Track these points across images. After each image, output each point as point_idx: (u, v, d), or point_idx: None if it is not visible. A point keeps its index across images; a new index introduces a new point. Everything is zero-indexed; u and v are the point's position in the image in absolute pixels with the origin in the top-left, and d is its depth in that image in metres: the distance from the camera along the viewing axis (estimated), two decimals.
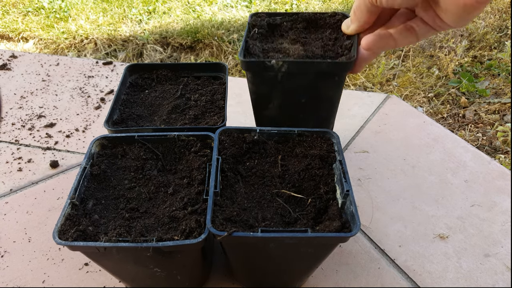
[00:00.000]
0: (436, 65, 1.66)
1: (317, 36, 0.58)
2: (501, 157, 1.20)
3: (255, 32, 0.57)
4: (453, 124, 1.38)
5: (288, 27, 0.60)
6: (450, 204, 0.64)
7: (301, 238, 0.37)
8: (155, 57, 1.76)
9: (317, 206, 0.44)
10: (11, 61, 1.00)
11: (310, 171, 0.46)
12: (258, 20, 0.59)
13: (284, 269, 0.47)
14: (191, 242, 0.37)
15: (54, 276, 0.53)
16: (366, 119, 0.81)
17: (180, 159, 0.50)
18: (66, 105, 0.85)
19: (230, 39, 1.84)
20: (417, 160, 0.72)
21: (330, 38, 0.56)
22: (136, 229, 0.41)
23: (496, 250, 0.57)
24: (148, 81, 0.64)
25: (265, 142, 0.49)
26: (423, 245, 0.58)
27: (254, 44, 0.55)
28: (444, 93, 1.50)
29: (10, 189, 0.66)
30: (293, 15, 0.61)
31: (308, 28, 0.60)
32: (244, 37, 0.55)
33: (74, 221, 0.41)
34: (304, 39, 0.57)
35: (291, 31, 0.59)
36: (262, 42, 0.57)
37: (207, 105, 0.57)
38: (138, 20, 2.00)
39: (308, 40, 0.57)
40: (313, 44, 0.56)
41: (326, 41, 0.56)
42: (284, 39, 0.58)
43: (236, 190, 0.45)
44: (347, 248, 0.57)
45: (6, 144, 0.75)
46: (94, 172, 0.46)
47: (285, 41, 0.57)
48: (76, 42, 1.86)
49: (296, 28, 0.60)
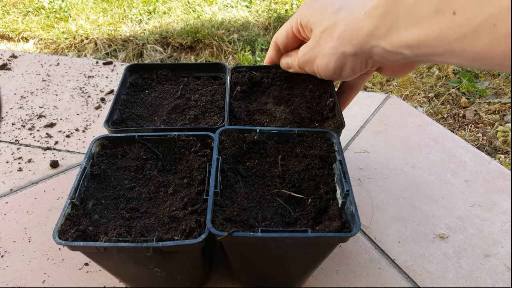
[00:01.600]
0: (436, 65, 1.66)
1: (300, 91, 0.56)
2: (501, 157, 1.20)
3: (237, 91, 0.56)
4: (453, 124, 1.38)
5: (269, 83, 0.58)
6: (450, 204, 0.64)
7: (301, 238, 0.37)
8: (155, 57, 1.76)
9: (317, 206, 0.44)
10: (11, 61, 1.00)
11: (310, 171, 0.46)
12: (239, 77, 0.58)
13: (284, 269, 0.47)
14: (191, 242, 0.37)
15: (54, 276, 0.53)
16: (366, 119, 0.81)
17: (180, 159, 0.50)
18: (66, 105, 0.85)
19: (230, 39, 1.84)
20: (417, 160, 0.72)
21: (313, 96, 0.54)
22: (136, 229, 0.41)
23: (496, 250, 0.57)
24: (148, 81, 0.64)
25: (265, 142, 0.49)
26: (423, 245, 0.58)
27: (239, 107, 0.54)
28: (444, 93, 1.50)
29: (10, 189, 0.66)
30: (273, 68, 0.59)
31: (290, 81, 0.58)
32: (227, 98, 0.54)
33: (74, 221, 0.41)
34: (287, 96, 0.56)
35: (273, 87, 0.57)
36: (246, 101, 0.56)
37: (207, 105, 0.57)
38: (138, 20, 2.00)
39: (291, 97, 0.55)
40: (296, 102, 0.54)
41: (310, 99, 0.54)
42: (267, 96, 0.56)
43: (236, 190, 0.45)
44: (347, 248, 0.57)
45: (6, 144, 0.75)
46: (94, 172, 0.46)
47: (269, 99, 0.56)
48: (76, 42, 1.86)
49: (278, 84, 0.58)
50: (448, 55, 0.30)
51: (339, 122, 0.50)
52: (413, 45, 0.32)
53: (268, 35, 1.92)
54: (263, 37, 1.89)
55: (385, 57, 0.36)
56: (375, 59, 0.38)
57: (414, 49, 0.32)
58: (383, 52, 0.36)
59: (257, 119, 0.53)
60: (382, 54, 0.36)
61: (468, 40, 0.27)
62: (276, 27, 1.98)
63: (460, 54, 0.29)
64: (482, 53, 0.27)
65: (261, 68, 0.60)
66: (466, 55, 0.29)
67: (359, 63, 0.40)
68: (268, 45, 1.86)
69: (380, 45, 0.36)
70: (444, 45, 0.29)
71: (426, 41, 0.31)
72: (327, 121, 0.51)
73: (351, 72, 0.41)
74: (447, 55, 0.30)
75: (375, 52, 0.37)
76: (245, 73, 0.59)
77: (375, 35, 0.35)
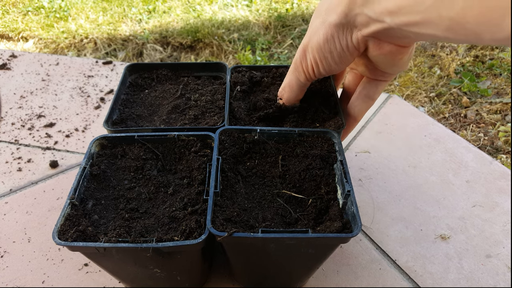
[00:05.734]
0: (438, 65, 1.65)
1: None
2: (502, 157, 1.20)
3: (237, 90, 0.56)
4: (454, 124, 1.38)
5: (269, 82, 0.58)
6: (452, 204, 0.64)
7: (301, 238, 0.37)
8: (155, 56, 1.76)
9: (318, 207, 0.43)
10: (11, 60, 0.99)
11: (311, 171, 0.46)
12: (239, 77, 0.58)
13: (285, 270, 0.46)
14: (191, 243, 0.37)
15: (53, 277, 0.53)
16: (367, 119, 0.81)
17: (180, 159, 0.49)
18: (66, 104, 0.85)
19: (230, 38, 1.84)
20: (418, 160, 0.72)
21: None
22: (136, 230, 0.41)
23: (498, 251, 0.57)
24: (148, 81, 0.64)
25: (265, 142, 0.49)
26: (424, 245, 0.58)
27: (239, 106, 0.53)
28: (445, 93, 1.49)
29: (9, 189, 0.66)
30: (273, 68, 0.59)
31: None
32: (227, 98, 0.54)
33: (74, 221, 0.40)
34: None
35: (273, 86, 0.57)
36: (246, 101, 0.56)
37: (207, 105, 0.57)
38: (138, 20, 2.00)
39: None
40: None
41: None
42: (266, 95, 0.56)
43: (236, 190, 0.45)
44: (348, 249, 0.57)
45: (5, 144, 0.75)
46: (94, 172, 0.46)
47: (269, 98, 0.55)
48: (76, 42, 1.85)
49: (278, 83, 0.57)
50: (426, 24, 0.31)
51: (340, 122, 0.49)
52: (393, 11, 0.33)
53: (268, 35, 1.92)
54: (263, 36, 1.89)
55: (369, 26, 0.37)
56: (361, 31, 0.39)
57: (394, 16, 0.33)
58: (367, 20, 0.37)
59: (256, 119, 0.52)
60: (366, 22, 0.37)
61: (444, 5, 0.29)
62: (277, 27, 1.98)
63: (436, 21, 0.30)
64: (457, 19, 0.28)
65: (261, 67, 0.60)
66: (442, 23, 0.30)
67: (345, 35, 0.40)
68: (268, 44, 1.86)
69: (363, 12, 0.37)
70: (421, 11, 0.31)
71: (405, 6, 0.32)
72: (327, 121, 0.51)
73: (341, 50, 0.41)
74: (425, 24, 0.31)
75: (360, 21, 0.38)
76: (245, 73, 0.59)
77: (357, 1, 0.37)
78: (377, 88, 0.47)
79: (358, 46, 0.40)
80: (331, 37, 0.40)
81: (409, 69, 1.63)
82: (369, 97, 0.48)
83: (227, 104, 0.53)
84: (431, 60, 1.69)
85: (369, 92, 0.48)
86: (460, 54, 1.66)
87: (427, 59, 1.69)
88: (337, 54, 0.42)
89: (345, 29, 0.39)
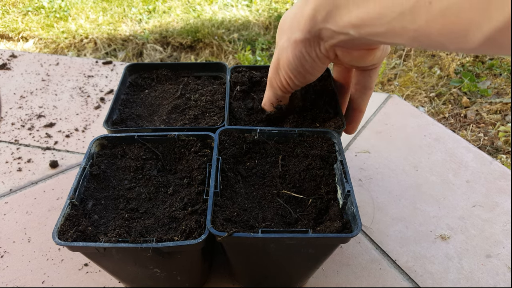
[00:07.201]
0: (438, 65, 1.65)
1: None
2: (502, 157, 1.20)
3: (237, 90, 0.56)
4: (454, 124, 1.38)
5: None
6: (452, 204, 0.64)
7: (301, 238, 0.37)
8: (155, 56, 1.76)
9: (318, 207, 0.43)
10: (10, 60, 0.99)
11: (311, 171, 0.46)
12: (239, 77, 0.58)
13: (285, 270, 0.46)
14: (191, 243, 0.37)
15: (53, 277, 0.53)
16: (367, 119, 0.81)
17: (180, 159, 0.49)
18: (66, 105, 0.85)
19: (230, 38, 1.84)
20: (418, 160, 0.72)
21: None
22: (136, 230, 0.41)
23: (498, 251, 0.57)
24: (148, 81, 0.64)
25: (265, 142, 0.49)
26: (424, 245, 0.58)
27: (239, 106, 0.54)
28: (445, 93, 1.49)
29: (9, 189, 0.66)
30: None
31: None
32: (227, 98, 0.54)
33: (74, 221, 0.40)
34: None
35: None
36: (245, 101, 0.56)
37: (207, 105, 0.57)
38: (138, 20, 2.00)
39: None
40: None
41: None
42: None
43: (236, 190, 0.45)
44: (348, 249, 0.57)
45: (5, 144, 0.75)
46: (94, 172, 0.46)
47: None
48: (76, 42, 1.85)
49: None
50: (390, 35, 0.31)
51: (340, 122, 0.49)
52: (356, 24, 0.33)
53: (268, 35, 1.92)
54: (263, 36, 1.89)
55: (334, 38, 0.37)
56: (327, 42, 0.39)
57: (358, 28, 0.33)
58: (331, 34, 0.37)
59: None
60: (330, 35, 0.37)
61: (407, 18, 0.28)
62: (277, 26, 1.98)
63: (401, 33, 0.30)
64: (421, 31, 0.28)
65: (261, 67, 0.60)
66: (407, 34, 0.29)
67: (313, 48, 0.40)
68: (268, 44, 1.86)
69: (326, 27, 0.37)
70: (385, 23, 0.30)
71: (368, 19, 0.31)
72: (328, 121, 0.51)
73: (312, 61, 0.41)
74: (390, 35, 0.31)
75: (324, 34, 0.38)
76: (245, 73, 0.59)
77: (317, 18, 0.36)
78: (371, 77, 0.47)
79: (328, 54, 0.41)
80: (300, 53, 0.41)
81: (409, 69, 1.63)
82: (366, 87, 0.48)
83: (227, 104, 0.53)
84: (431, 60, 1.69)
85: (365, 83, 0.48)
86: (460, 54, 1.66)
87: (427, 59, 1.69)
88: (310, 66, 0.42)
89: (312, 42, 0.40)
